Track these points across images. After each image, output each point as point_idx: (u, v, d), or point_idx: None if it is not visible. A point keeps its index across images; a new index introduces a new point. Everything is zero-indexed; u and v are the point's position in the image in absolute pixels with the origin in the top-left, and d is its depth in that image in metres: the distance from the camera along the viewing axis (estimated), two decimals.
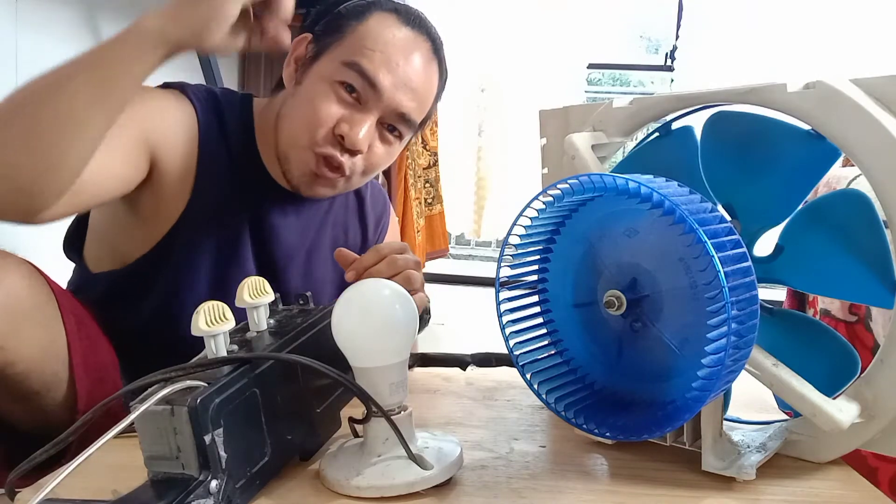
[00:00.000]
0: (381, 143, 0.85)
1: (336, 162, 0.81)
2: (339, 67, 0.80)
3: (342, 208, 1.00)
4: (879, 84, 0.54)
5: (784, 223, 0.59)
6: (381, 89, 0.80)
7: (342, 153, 0.81)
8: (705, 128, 0.62)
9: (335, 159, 0.81)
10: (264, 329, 0.57)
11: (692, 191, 0.52)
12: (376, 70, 0.79)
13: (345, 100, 0.81)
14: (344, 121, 0.80)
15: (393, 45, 0.81)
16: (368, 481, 0.50)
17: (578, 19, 4.41)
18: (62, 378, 0.70)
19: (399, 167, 2.67)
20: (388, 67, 0.80)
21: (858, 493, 0.54)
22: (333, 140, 0.81)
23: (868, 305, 0.98)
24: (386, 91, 0.80)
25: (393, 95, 0.81)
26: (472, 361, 0.82)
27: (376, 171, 0.88)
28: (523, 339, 0.61)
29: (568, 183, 0.53)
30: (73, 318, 0.72)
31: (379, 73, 0.80)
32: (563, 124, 0.71)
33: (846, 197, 0.57)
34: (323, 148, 0.81)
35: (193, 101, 0.84)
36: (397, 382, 0.52)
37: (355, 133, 0.80)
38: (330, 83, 0.81)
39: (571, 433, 0.64)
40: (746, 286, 0.48)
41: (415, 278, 0.80)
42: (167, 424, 0.44)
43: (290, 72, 0.86)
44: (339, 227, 0.99)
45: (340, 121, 0.80)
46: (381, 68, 0.80)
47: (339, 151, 0.81)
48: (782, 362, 0.55)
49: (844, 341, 0.60)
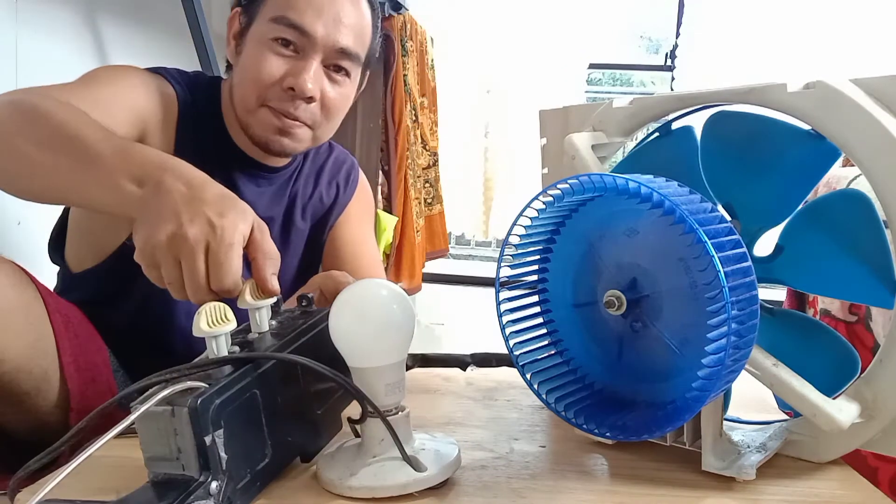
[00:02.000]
0: (332, 84, 0.86)
1: (293, 115, 0.84)
2: (270, 25, 0.82)
3: (312, 176, 1.02)
4: (879, 84, 0.54)
5: (784, 223, 0.59)
6: (314, 34, 0.82)
7: (296, 105, 0.84)
8: (705, 128, 0.62)
9: (291, 113, 0.84)
10: (266, 330, 0.57)
11: (692, 191, 0.52)
12: (304, 17, 0.81)
13: (283, 54, 0.83)
14: (288, 74, 0.82)
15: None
16: (361, 482, 0.50)
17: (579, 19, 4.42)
18: (52, 377, 0.70)
19: (399, 167, 2.66)
20: (315, 11, 0.82)
21: (858, 493, 0.54)
22: (284, 95, 0.83)
23: (868, 305, 0.98)
24: (318, 34, 0.82)
25: (327, 36, 0.83)
26: (472, 361, 0.82)
27: (338, 114, 0.90)
28: (523, 339, 0.61)
29: (568, 183, 0.53)
30: (60, 316, 0.72)
31: (307, 19, 0.81)
32: (563, 124, 0.71)
33: (846, 197, 0.57)
34: (276, 103, 0.83)
35: (174, 84, 0.87)
36: (393, 383, 0.52)
37: (303, 81, 0.82)
38: (266, 42, 0.83)
39: (571, 433, 0.64)
40: (746, 286, 0.48)
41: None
42: (167, 425, 0.44)
43: (231, 49, 0.89)
44: (311, 186, 1.01)
45: (285, 75, 0.82)
46: (309, 13, 0.82)
47: (292, 104, 0.83)
48: (782, 362, 0.55)
49: (844, 341, 0.60)
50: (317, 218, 1.02)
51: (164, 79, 0.87)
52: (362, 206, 1.09)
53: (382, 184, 2.66)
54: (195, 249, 0.52)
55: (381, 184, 2.65)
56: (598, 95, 4.59)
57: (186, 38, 1.98)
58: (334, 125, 0.91)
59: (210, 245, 0.53)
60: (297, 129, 0.85)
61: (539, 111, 0.74)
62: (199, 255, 0.52)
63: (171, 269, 0.53)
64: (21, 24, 1.63)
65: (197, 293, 0.53)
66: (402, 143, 2.66)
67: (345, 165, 1.06)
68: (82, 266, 0.88)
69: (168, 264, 0.53)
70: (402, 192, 2.68)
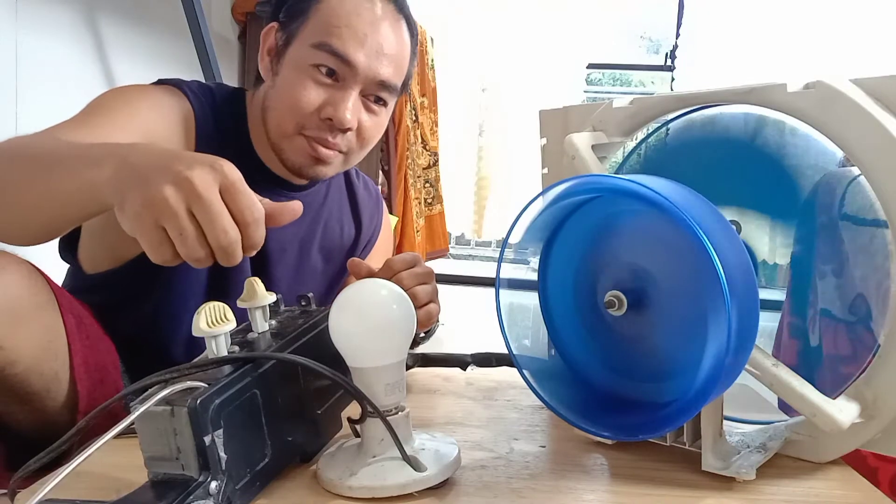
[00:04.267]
0: (368, 114, 0.85)
1: (330, 143, 0.83)
2: (311, 51, 0.81)
3: (336, 203, 1.01)
4: (879, 84, 0.54)
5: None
6: (356, 64, 0.81)
7: (333, 134, 0.83)
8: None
9: (328, 141, 0.83)
10: (266, 330, 0.57)
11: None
12: (347, 47, 0.80)
13: (323, 82, 0.82)
14: (327, 104, 0.81)
15: (357, 16, 0.81)
16: (361, 482, 0.50)
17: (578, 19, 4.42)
18: (63, 378, 0.70)
19: (399, 167, 2.66)
20: (358, 40, 0.81)
21: (858, 493, 0.54)
22: (321, 124, 0.82)
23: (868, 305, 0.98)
24: (361, 65, 0.81)
25: (369, 67, 0.81)
26: (472, 361, 0.82)
27: (371, 143, 0.89)
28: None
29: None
30: (73, 318, 0.72)
31: (350, 49, 0.80)
32: (562, 124, 0.71)
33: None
34: (313, 132, 0.82)
35: (190, 97, 0.85)
36: (393, 383, 0.52)
37: (341, 113, 0.81)
38: (305, 69, 0.81)
39: (571, 433, 0.64)
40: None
41: (425, 293, 0.79)
42: (167, 425, 0.44)
43: (265, 64, 0.87)
44: (335, 221, 1.00)
45: (324, 105, 0.81)
46: (351, 43, 0.80)
47: (329, 133, 0.83)
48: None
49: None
50: (341, 248, 1.01)
51: (182, 93, 0.85)
52: (386, 238, 1.10)
53: (382, 184, 2.66)
54: (176, 210, 0.49)
55: (381, 184, 2.65)
56: (597, 95, 4.59)
57: (186, 38, 1.98)
58: (366, 152, 0.90)
59: (190, 202, 0.49)
60: (332, 158, 0.85)
61: (539, 111, 0.74)
62: (181, 216, 0.49)
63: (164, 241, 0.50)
64: (21, 24, 1.63)
65: (193, 252, 0.50)
66: (402, 143, 2.66)
67: (371, 201, 1.06)
68: (98, 268, 0.87)
69: (155, 235, 0.50)
70: (402, 192, 2.68)
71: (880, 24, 3.60)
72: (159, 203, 0.49)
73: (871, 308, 1.04)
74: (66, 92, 1.73)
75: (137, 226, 0.51)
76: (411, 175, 2.73)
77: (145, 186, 0.50)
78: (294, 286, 0.93)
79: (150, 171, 0.51)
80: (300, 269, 0.96)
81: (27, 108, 1.62)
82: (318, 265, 0.98)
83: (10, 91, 1.60)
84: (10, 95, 1.60)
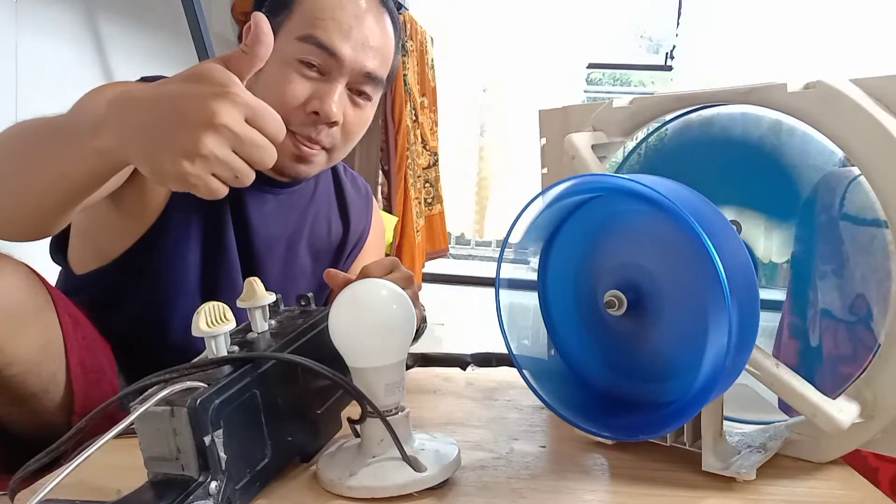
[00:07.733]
0: (354, 108, 0.85)
1: (314, 139, 0.83)
2: (296, 44, 0.80)
3: (324, 201, 1.00)
4: (879, 84, 0.54)
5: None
6: (342, 56, 0.80)
7: (318, 129, 0.82)
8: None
9: (312, 138, 0.82)
10: (265, 330, 0.57)
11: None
12: (332, 39, 0.80)
13: (308, 76, 0.81)
14: (313, 97, 0.81)
15: (341, 8, 0.81)
16: (361, 482, 0.50)
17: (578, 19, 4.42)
18: (59, 380, 0.70)
19: (399, 167, 2.66)
20: (343, 33, 0.80)
21: (859, 493, 0.54)
22: (307, 119, 0.81)
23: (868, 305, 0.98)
24: (347, 57, 0.80)
25: (355, 59, 0.81)
26: (472, 361, 0.82)
27: (355, 138, 0.88)
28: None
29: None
30: (70, 319, 0.72)
31: (336, 41, 0.80)
32: (562, 124, 0.71)
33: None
34: (299, 128, 0.82)
35: None
36: (393, 383, 0.52)
37: (328, 106, 0.80)
38: (290, 62, 0.81)
39: (571, 433, 0.64)
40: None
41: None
42: (167, 425, 0.44)
43: None
44: (323, 219, 0.99)
45: (310, 98, 0.81)
46: (336, 36, 0.80)
47: (314, 129, 0.82)
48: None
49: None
50: (329, 247, 1.00)
51: None
52: (377, 236, 1.09)
53: (382, 184, 2.66)
54: (226, 158, 0.50)
55: (381, 184, 2.65)
56: (597, 95, 4.59)
57: (186, 38, 1.98)
58: (350, 147, 0.90)
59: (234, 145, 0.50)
60: (315, 156, 0.84)
61: (539, 111, 0.74)
62: (233, 160, 0.50)
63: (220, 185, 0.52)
64: (21, 24, 1.63)
65: (246, 180, 0.52)
66: (402, 142, 2.66)
67: (360, 200, 1.05)
68: (86, 268, 0.87)
69: (213, 184, 0.51)
70: (402, 192, 2.68)
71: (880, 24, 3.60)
72: (208, 156, 0.50)
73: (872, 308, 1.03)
74: (66, 92, 1.72)
75: (186, 183, 0.51)
76: (411, 175, 2.73)
77: (177, 143, 0.50)
78: (283, 285, 0.92)
79: (170, 125, 0.50)
80: (288, 267, 0.95)
81: (27, 109, 1.62)
82: (306, 264, 0.97)
83: (10, 91, 1.60)
84: (10, 95, 1.60)
